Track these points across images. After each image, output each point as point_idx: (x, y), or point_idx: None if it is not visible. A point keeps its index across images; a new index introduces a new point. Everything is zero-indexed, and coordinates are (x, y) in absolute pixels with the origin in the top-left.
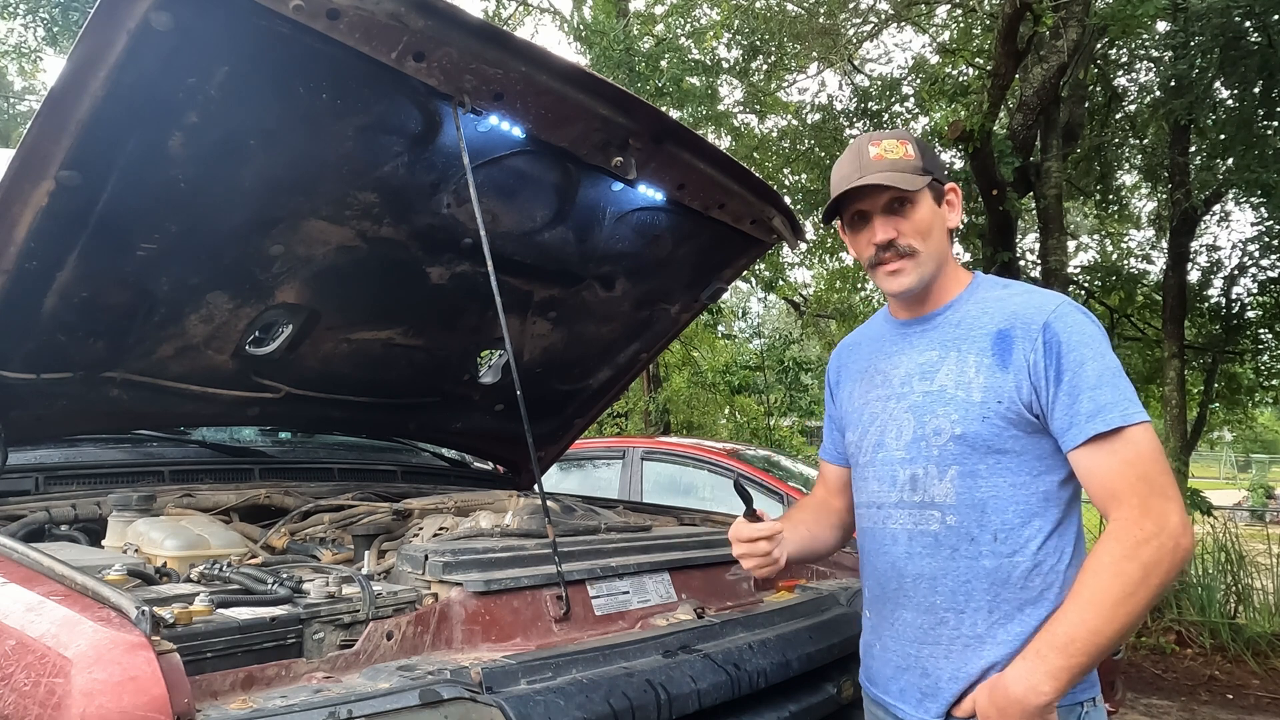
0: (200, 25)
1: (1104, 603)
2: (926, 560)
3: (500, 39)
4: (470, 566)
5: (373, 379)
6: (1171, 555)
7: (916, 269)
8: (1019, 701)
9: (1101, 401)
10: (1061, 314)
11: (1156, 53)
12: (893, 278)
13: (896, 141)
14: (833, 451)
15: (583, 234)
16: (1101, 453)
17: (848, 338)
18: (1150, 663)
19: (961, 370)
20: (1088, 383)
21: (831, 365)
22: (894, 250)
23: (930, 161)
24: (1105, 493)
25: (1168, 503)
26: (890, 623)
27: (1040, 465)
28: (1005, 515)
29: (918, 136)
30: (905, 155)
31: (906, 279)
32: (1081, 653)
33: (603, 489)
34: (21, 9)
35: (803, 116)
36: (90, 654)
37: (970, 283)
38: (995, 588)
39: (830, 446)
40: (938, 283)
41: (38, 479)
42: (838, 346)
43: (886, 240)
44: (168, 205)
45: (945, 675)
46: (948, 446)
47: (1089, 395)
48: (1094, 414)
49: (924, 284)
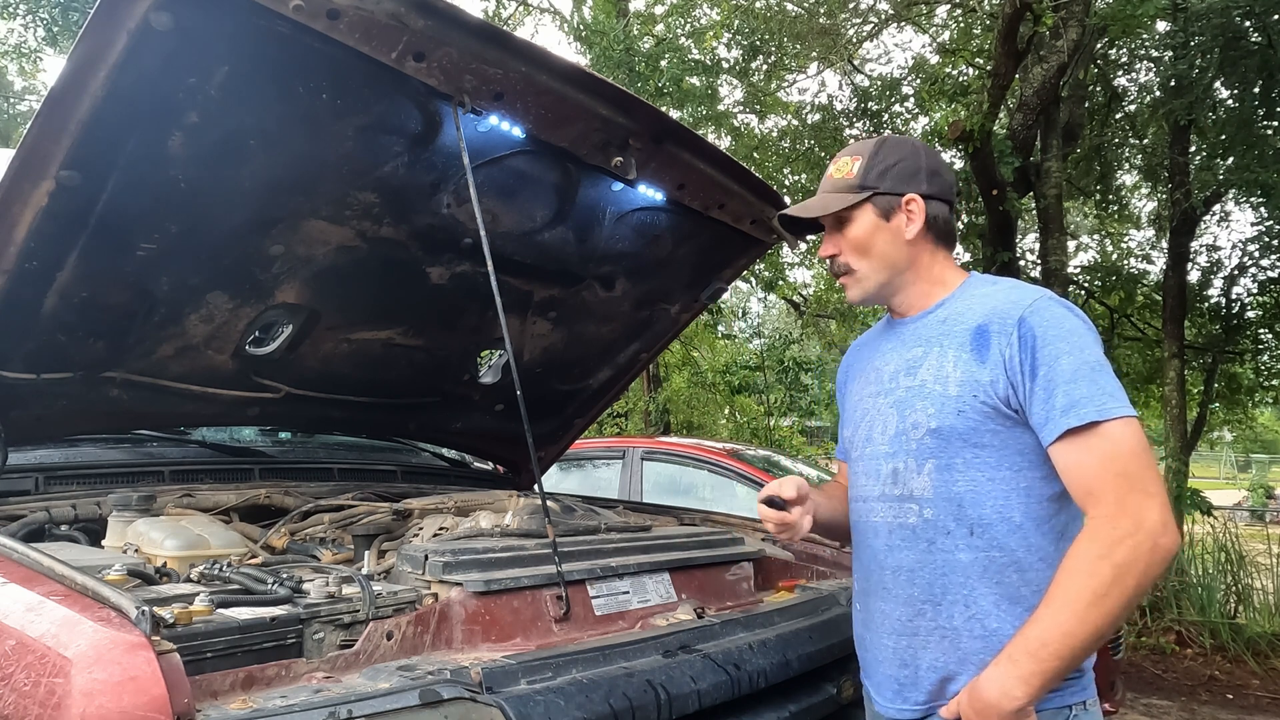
0: (200, 25)
1: (1076, 604)
2: (905, 553)
3: (500, 39)
4: (470, 566)
5: (373, 379)
6: (1150, 555)
7: (858, 284)
8: (994, 706)
9: (1076, 396)
10: (1038, 308)
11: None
12: (845, 290)
13: (849, 158)
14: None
15: (583, 234)
16: (1077, 448)
17: (858, 339)
18: (1150, 663)
19: (940, 365)
20: (1063, 377)
21: (841, 366)
22: (836, 266)
23: (880, 175)
24: (1082, 490)
25: (1146, 500)
26: (872, 614)
27: (1021, 460)
28: (982, 509)
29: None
30: (847, 174)
31: (850, 292)
32: (1054, 656)
33: (603, 489)
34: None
35: (803, 116)
36: (90, 654)
37: (963, 282)
38: (971, 581)
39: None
40: (906, 290)
41: (38, 479)
42: (848, 350)
43: (828, 256)
44: (168, 205)
45: (924, 666)
46: (924, 440)
47: (1064, 390)
48: (1068, 408)
49: (871, 296)
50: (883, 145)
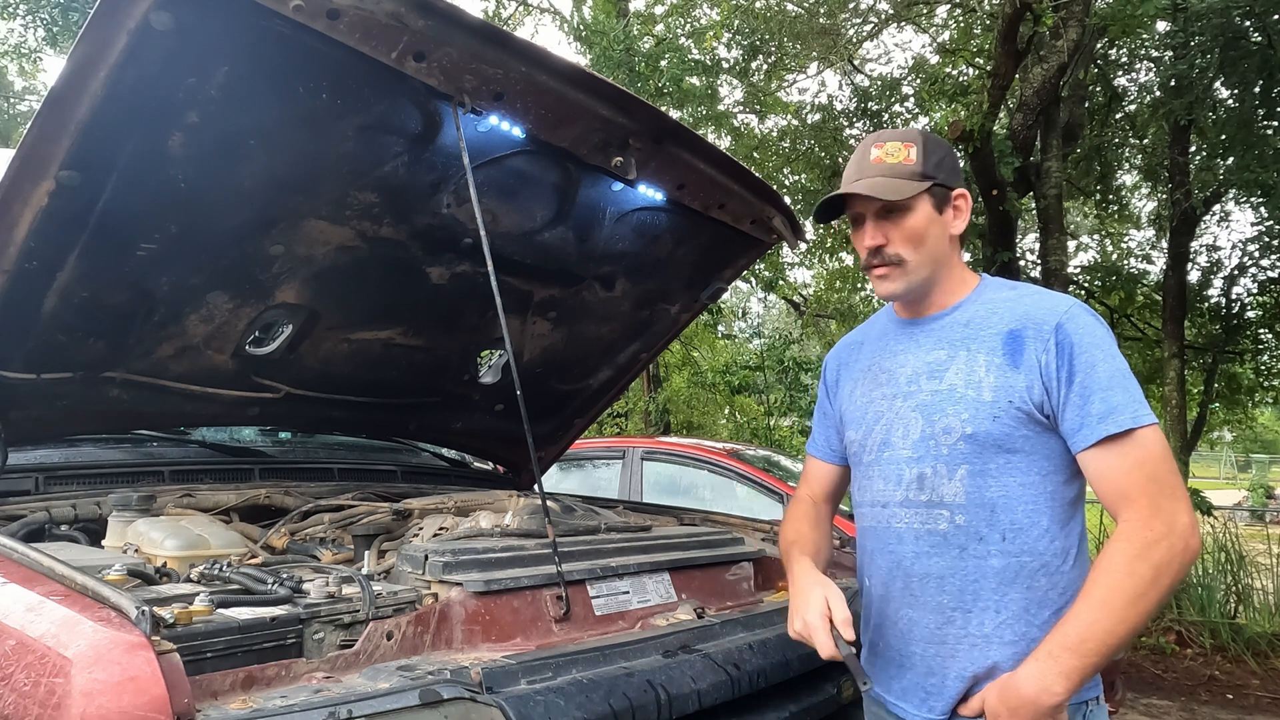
0: (200, 25)
1: (1117, 603)
2: (934, 559)
3: (500, 39)
4: (470, 566)
5: (373, 379)
6: (1182, 555)
7: (904, 277)
8: (1031, 702)
9: (1113, 403)
10: (1074, 315)
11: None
12: (880, 282)
13: (900, 144)
14: (825, 449)
15: (583, 234)
16: (1113, 454)
17: (847, 336)
18: (1150, 663)
19: (971, 369)
20: (1099, 384)
21: (830, 363)
22: (880, 257)
23: (936, 166)
24: (1116, 494)
25: (1177, 503)
26: (894, 622)
27: (1048, 465)
28: (1014, 515)
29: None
30: (905, 160)
31: (893, 285)
32: (1094, 653)
33: (603, 489)
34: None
35: (803, 116)
36: (90, 654)
37: (978, 284)
38: (1003, 587)
39: (824, 444)
40: (938, 287)
41: (38, 479)
42: (837, 345)
43: (875, 246)
44: (168, 205)
45: (951, 674)
46: (958, 445)
47: (1100, 397)
48: (1105, 415)
49: (913, 291)
50: (928, 136)
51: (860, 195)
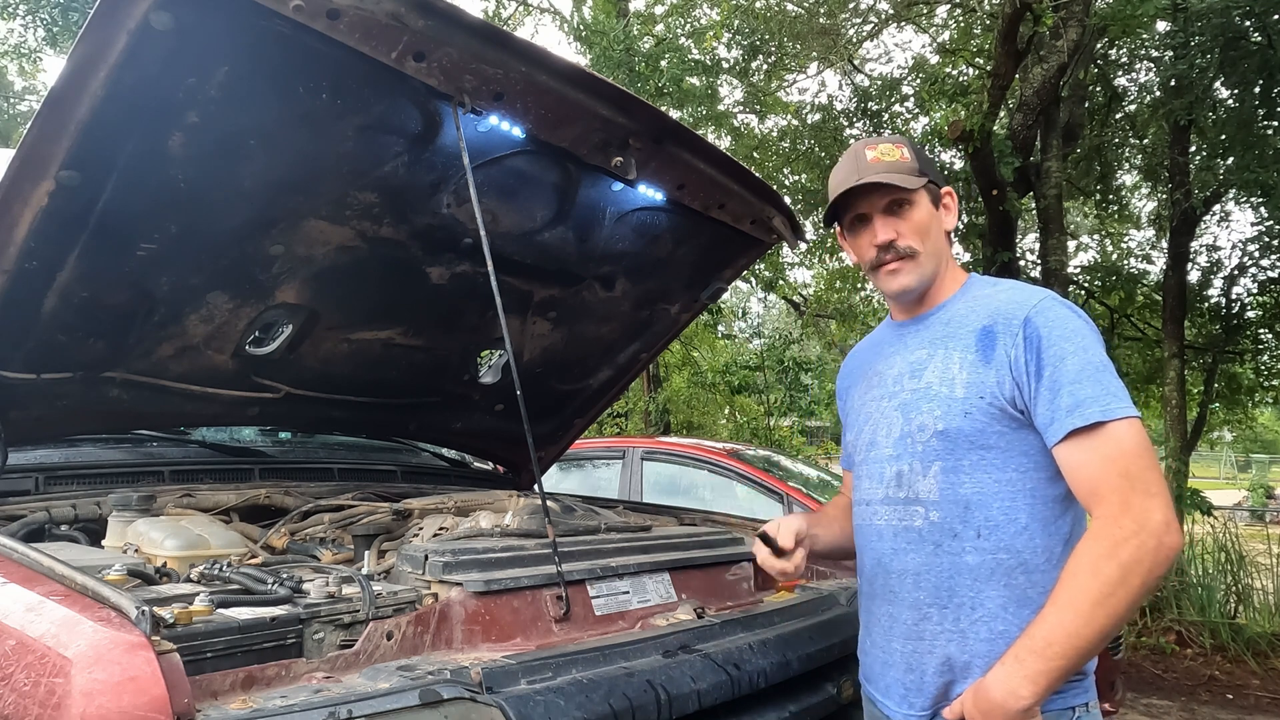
0: (200, 25)
1: (1081, 604)
2: (910, 556)
3: (500, 39)
4: (470, 566)
5: (373, 379)
6: (1154, 554)
7: (916, 269)
8: (1000, 706)
9: (1081, 396)
10: (1043, 309)
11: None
12: (892, 278)
13: (892, 145)
14: (848, 459)
15: (583, 234)
16: (1082, 449)
17: (858, 345)
18: (1150, 663)
19: (946, 367)
20: (1068, 377)
21: (841, 373)
22: (894, 251)
23: (926, 165)
24: (1087, 490)
25: (1150, 500)
26: (878, 619)
27: (1027, 462)
28: (989, 511)
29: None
30: (901, 158)
31: (906, 279)
32: (1060, 656)
33: (603, 489)
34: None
35: (803, 116)
36: (90, 654)
37: (965, 282)
38: (978, 584)
39: (847, 454)
40: (936, 283)
41: (38, 479)
42: (848, 355)
43: (887, 241)
44: (168, 205)
45: (930, 670)
46: (930, 442)
47: (1069, 390)
48: (1073, 409)
49: (923, 284)
50: (911, 140)
51: (865, 195)
